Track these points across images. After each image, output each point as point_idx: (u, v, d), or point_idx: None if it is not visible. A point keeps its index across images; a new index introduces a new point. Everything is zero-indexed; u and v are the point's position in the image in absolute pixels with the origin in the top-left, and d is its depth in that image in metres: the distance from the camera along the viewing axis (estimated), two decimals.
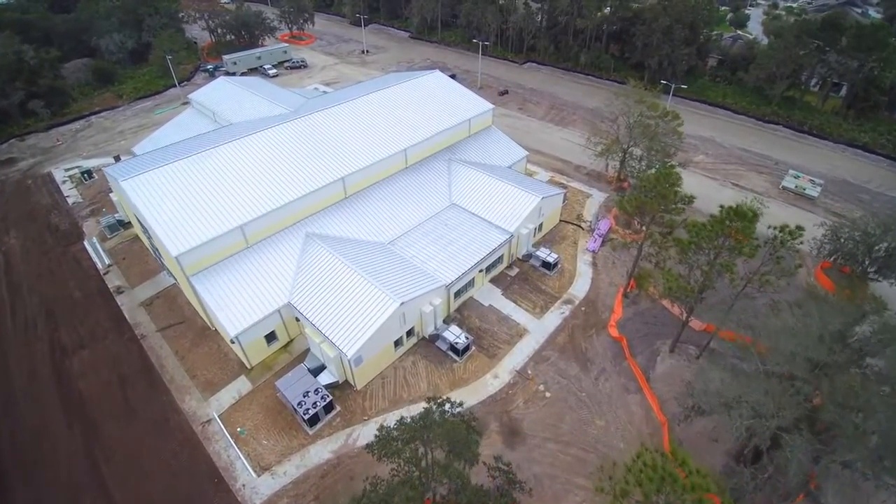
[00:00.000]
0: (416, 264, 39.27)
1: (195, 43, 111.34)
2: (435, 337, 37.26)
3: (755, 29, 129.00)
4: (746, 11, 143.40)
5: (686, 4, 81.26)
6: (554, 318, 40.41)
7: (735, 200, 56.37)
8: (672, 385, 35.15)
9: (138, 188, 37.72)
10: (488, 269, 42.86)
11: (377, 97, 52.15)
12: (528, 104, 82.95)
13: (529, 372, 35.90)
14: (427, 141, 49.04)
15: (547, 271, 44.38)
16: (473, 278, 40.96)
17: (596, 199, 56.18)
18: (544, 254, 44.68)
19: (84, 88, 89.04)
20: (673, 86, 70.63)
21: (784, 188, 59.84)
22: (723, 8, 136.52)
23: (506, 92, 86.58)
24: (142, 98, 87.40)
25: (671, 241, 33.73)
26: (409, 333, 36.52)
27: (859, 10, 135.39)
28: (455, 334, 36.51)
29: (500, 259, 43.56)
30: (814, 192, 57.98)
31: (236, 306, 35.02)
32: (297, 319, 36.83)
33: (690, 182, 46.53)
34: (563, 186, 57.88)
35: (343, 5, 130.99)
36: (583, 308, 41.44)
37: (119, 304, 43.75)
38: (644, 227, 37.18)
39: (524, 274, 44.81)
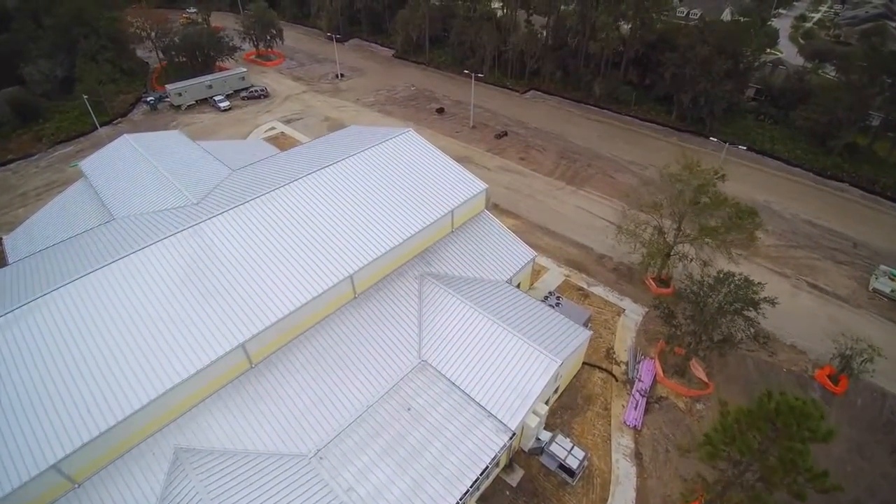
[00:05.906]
0: None
1: (147, 65, 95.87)
2: None
3: (783, 45, 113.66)
4: (773, 24, 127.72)
5: (728, 29, 65.68)
6: None
7: (818, 314, 42.56)
8: None
9: None
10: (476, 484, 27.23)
11: (319, 179, 36.08)
12: (532, 151, 67.22)
13: None
14: (388, 254, 33.35)
15: (567, 477, 28.76)
16: None
17: (630, 317, 40.32)
18: (562, 449, 28.93)
19: (2, 129, 73.25)
20: (727, 143, 55.06)
21: (875, 291, 44.28)
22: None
23: (504, 134, 70.85)
24: (64, 142, 71.73)
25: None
26: None
27: (895, 24, 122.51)
28: None
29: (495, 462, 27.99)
30: None
31: None
32: None
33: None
34: (584, 294, 42.30)
35: (319, 18, 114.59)
36: None
37: None
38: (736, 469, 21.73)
39: (531, 480, 29.02)
